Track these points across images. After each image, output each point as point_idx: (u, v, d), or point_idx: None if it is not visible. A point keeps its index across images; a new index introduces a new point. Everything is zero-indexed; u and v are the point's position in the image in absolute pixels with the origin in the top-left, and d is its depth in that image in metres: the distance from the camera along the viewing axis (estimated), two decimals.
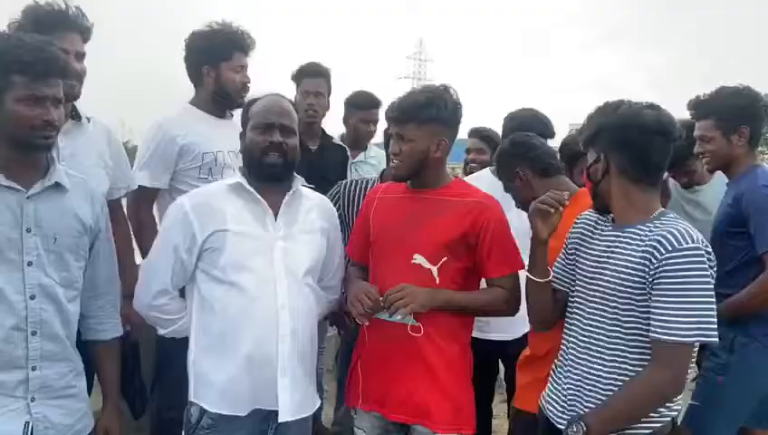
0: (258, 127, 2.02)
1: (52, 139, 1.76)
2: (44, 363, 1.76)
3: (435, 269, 2.06)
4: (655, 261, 1.65)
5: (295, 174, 2.11)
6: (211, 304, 1.98)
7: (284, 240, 2.02)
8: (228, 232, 1.96)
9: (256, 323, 1.94)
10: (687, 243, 1.64)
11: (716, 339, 1.64)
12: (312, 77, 3.41)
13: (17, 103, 1.68)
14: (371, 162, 3.79)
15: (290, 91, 3.36)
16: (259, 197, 2.01)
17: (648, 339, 1.69)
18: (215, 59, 2.77)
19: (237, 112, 2.97)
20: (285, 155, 2.01)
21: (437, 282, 2.06)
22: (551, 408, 1.90)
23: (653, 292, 1.66)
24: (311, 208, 2.13)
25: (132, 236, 2.68)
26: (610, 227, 1.85)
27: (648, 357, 1.70)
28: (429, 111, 2.04)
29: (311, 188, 2.27)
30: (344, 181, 2.89)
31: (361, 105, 3.70)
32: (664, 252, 1.64)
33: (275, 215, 2.03)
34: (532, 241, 1.92)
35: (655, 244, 1.67)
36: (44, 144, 1.75)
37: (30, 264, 1.73)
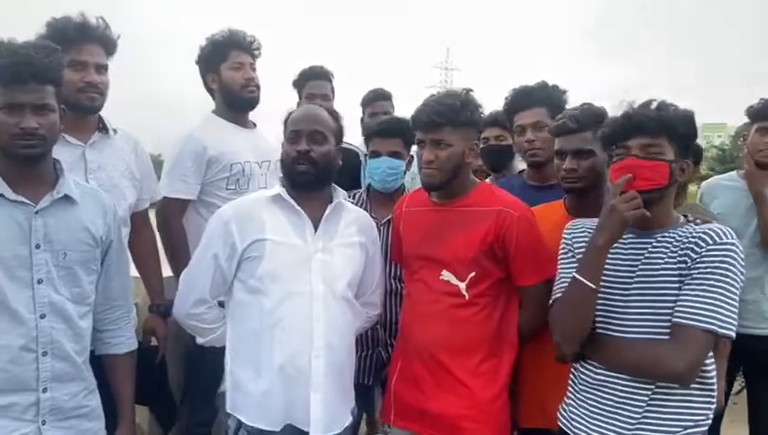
0: (289, 137, 2.01)
1: (37, 148, 1.68)
2: (55, 384, 1.71)
3: (463, 286, 2.00)
4: (694, 255, 1.62)
5: (336, 187, 2.09)
6: (247, 313, 1.96)
7: (323, 253, 1.98)
8: (267, 241, 1.93)
9: (291, 336, 1.91)
10: (728, 238, 1.62)
11: (732, 333, 1.57)
12: (317, 79, 3.34)
13: None
14: None
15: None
16: (299, 208, 1.98)
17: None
18: (214, 64, 2.78)
19: (261, 121, 2.96)
20: (315, 163, 1.97)
21: (467, 298, 2.00)
22: (579, 426, 1.79)
23: (685, 280, 1.62)
24: (351, 223, 2.09)
25: (158, 248, 2.64)
26: (633, 235, 1.75)
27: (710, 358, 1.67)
28: (465, 114, 2.00)
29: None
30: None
31: (367, 100, 3.62)
32: (704, 245, 1.62)
33: (315, 227, 1.99)
34: (601, 241, 1.68)
35: (697, 240, 1.63)
36: (27, 154, 1.67)
37: (40, 281, 1.68)
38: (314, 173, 1.98)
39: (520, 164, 3.16)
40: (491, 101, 2.27)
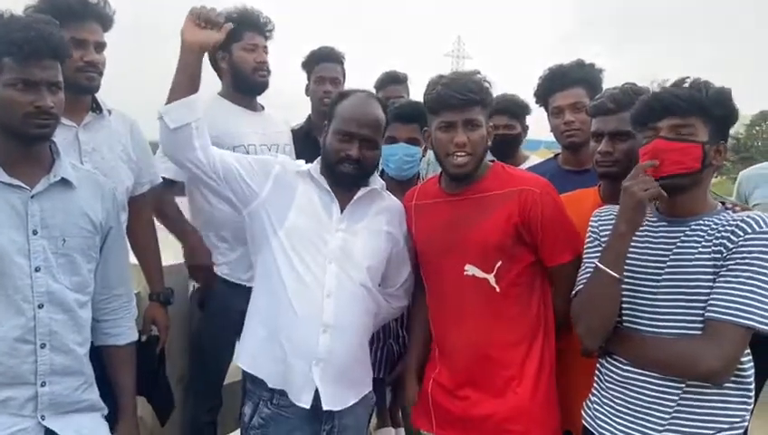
0: (338, 132, 1.95)
1: (49, 128, 1.62)
2: (55, 378, 1.64)
3: (491, 278, 1.88)
4: (730, 244, 1.52)
5: (377, 176, 2.07)
6: (268, 272, 1.96)
7: (345, 232, 1.96)
8: (294, 203, 1.95)
9: (300, 307, 1.90)
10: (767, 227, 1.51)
11: None
12: (328, 62, 3.20)
13: (7, 88, 1.55)
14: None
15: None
16: (328, 188, 1.98)
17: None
18: (227, 42, 2.59)
19: (268, 104, 2.86)
20: (361, 167, 1.96)
21: (498, 290, 1.88)
22: (604, 425, 1.69)
23: (720, 271, 1.52)
24: (381, 211, 2.06)
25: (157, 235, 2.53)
26: (665, 223, 1.65)
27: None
28: (489, 93, 1.91)
29: None
30: None
31: (379, 83, 3.47)
32: (741, 234, 1.52)
33: (344, 208, 1.99)
34: (623, 227, 1.59)
35: (734, 228, 1.54)
36: (39, 133, 1.61)
37: (38, 269, 1.61)
38: (357, 175, 1.97)
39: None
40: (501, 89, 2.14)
